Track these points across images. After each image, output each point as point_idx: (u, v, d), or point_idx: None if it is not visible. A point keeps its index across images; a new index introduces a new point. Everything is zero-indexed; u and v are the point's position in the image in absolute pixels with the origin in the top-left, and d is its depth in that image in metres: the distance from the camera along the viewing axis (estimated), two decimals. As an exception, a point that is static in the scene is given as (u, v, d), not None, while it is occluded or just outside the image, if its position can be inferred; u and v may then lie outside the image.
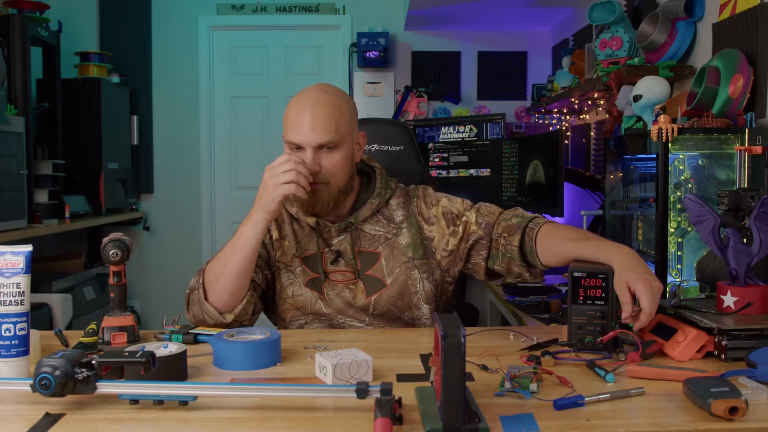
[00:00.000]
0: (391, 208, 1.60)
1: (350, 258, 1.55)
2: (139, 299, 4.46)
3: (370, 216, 1.57)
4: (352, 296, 1.55)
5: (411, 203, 1.62)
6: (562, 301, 2.31)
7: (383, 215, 1.59)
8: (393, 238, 1.58)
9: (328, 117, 1.45)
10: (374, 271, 1.55)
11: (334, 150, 1.47)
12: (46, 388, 0.95)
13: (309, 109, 1.45)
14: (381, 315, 1.56)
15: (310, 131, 1.44)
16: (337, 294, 1.56)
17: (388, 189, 1.61)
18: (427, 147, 3.85)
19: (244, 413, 0.98)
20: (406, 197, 1.63)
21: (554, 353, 1.22)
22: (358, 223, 1.57)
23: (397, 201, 1.61)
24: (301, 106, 1.46)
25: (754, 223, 1.28)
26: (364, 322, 1.57)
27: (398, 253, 1.56)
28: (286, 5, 4.42)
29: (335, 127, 1.46)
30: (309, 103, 1.46)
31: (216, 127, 4.52)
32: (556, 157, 2.98)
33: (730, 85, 1.93)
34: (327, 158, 1.47)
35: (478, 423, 0.89)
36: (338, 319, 1.57)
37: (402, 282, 1.55)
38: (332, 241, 1.57)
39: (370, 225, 1.58)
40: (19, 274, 1.11)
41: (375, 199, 1.57)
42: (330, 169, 1.47)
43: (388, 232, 1.58)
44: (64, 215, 3.38)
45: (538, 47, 4.45)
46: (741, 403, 0.92)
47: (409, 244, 1.57)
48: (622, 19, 2.57)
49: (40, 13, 3.29)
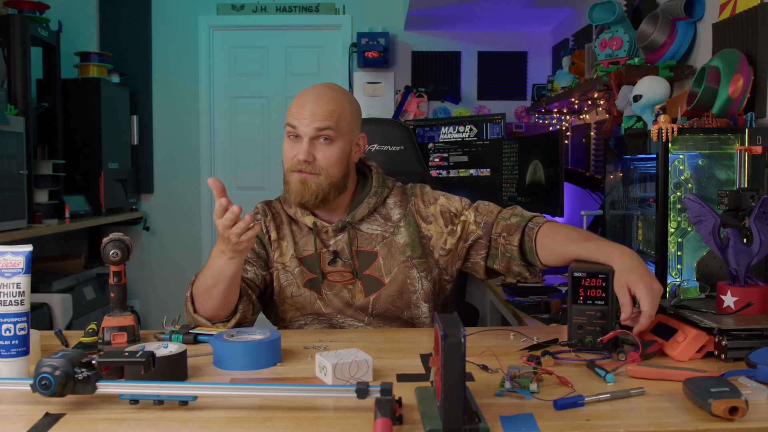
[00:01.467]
0: (388, 206, 1.60)
1: (348, 258, 1.55)
2: (139, 299, 4.46)
3: (367, 215, 1.57)
4: (350, 296, 1.55)
5: (408, 201, 1.61)
6: (562, 301, 2.31)
7: (380, 214, 1.59)
8: (390, 237, 1.57)
9: (329, 112, 1.48)
10: (372, 270, 1.55)
11: (330, 143, 1.49)
12: (46, 388, 0.95)
13: (311, 101, 1.49)
14: (380, 315, 1.56)
15: (309, 119, 1.47)
16: (335, 294, 1.56)
17: (384, 188, 1.61)
18: (427, 147, 3.85)
19: (244, 413, 0.98)
20: (403, 195, 1.63)
21: (554, 353, 1.22)
22: (355, 223, 1.57)
23: (394, 200, 1.61)
24: (305, 98, 1.50)
25: (754, 223, 1.28)
26: (363, 322, 1.57)
27: (396, 252, 1.56)
28: (286, 5, 4.42)
29: (335, 121, 1.48)
30: (312, 96, 1.50)
31: (216, 127, 4.52)
32: (556, 157, 2.98)
33: (730, 85, 1.93)
34: (322, 150, 1.48)
35: (478, 423, 0.89)
36: (337, 319, 1.57)
37: (401, 281, 1.55)
38: (329, 242, 1.57)
39: (367, 224, 1.58)
40: (19, 274, 1.11)
41: (372, 198, 1.57)
42: (323, 162, 1.48)
43: (386, 230, 1.58)
44: (64, 215, 3.38)
45: (538, 47, 4.45)
46: (741, 403, 0.92)
47: (407, 243, 1.57)
48: (622, 19, 2.57)
49: (40, 13, 3.29)
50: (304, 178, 1.49)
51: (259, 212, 1.64)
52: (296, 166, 1.49)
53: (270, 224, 1.61)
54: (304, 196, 1.50)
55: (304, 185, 1.49)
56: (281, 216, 1.62)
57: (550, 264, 1.47)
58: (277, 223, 1.61)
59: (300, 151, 1.48)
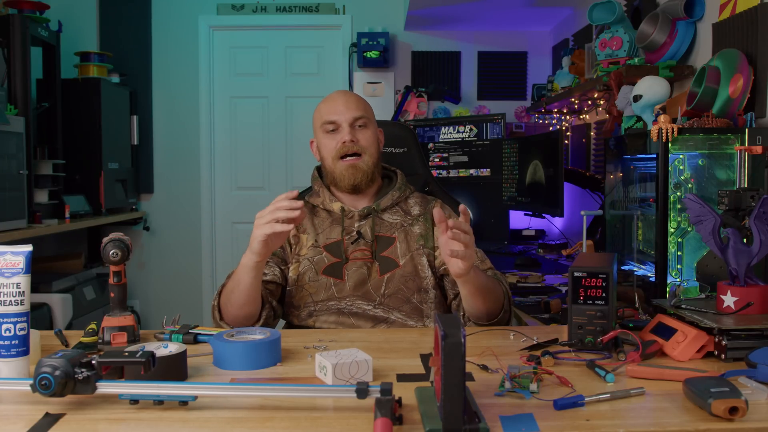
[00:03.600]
0: (408, 204, 1.76)
1: (370, 239, 1.67)
2: (139, 299, 4.45)
3: (390, 206, 1.72)
4: (368, 273, 1.65)
5: (429, 204, 1.77)
6: (562, 301, 2.31)
7: (401, 208, 1.74)
8: (408, 227, 1.71)
9: (358, 100, 1.71)
10: (389, 252, 1.67)
11: (365, 127, 1.69)
12: (46, 388, 0.95)
13: (341, 98, 1.70)
14: (392, 295, 1.63)
15: (345, 109, 1.67)
16: (354, 271, 1.64)
17: (407, 188, 1.78)
18: (427, 147, 3.85)
19: (244, 413, 0.98)
20: (423, 199, 1.79)
21: (554, 353, 1.22)
22: (379, 211, 1.70)
23: (415, 200, 1.77)
24: (334, 98, 1.71)
25: (754, 223, 1.28)
26: (374, 302, 1.62)
27: (411, 239, 1.69)
28: (286, 5, 4.42)
29: (364, 108, 1.71)
30: (339, 94, 1.72)
31: (216, 127, 4.52)
32: (556, 157, 2.98)
33: (730, 85, 1.93)
34: (361, 133, 1.68)
35: (478, 423, 0.89)
36: (347, 302, 1.62)
37: (414, 264, 1.66)
38: (353, 226, 1.68)
39: (389, 214, 1.72)
40: (19, 274, 1.11)
41: (396, 192, 1.73)
42: (364, 142, 1.67)
43: (404, 221, 1.72)
44: (64, 215, 3.38)
45: (538, 47, 4.45)
46: (741, 403, 0.92)
47: (422, 234, 1.70)
48: (622, 19, 2.57)
49: (40, 13, 3.29)
50: (352, 163, 1.66)
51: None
52: (342, 151, 1.66)
53: None
54: (356, 178, 1.66)
55: (355, 168, 1.66)
56: (303, 209, 1.66)
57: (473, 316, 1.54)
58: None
59: (344, 134, 1.65)
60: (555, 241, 3.63)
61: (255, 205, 1.69)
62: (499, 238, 3.66)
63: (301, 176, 4.38)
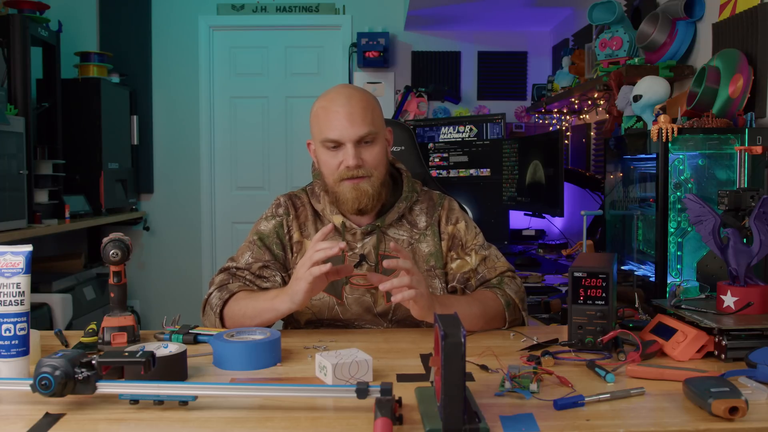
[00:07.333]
0: (414, 213, 1.59)
1: (373, 261, 1.52)
2: (139, 299, 4.45)
3: (395, 220, 1.56)
4: (372, 301, 1.52)
5: (435, 211, 1.60)
6: (562, 301, 2.31)
7: (407, 220, 1.58)
8: (416, 244, 1.56)
9: (364, 109, 1.45)
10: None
11: (372, 143, 1.47)
12: (46, 388, 0.95)
13: (343, 104, 1.44)
14: (400, 321, 1.54)
15: (349, 125, 1.43)
16: (356, 299, 1.52)
17: (413, 192, 1.60)
18: (427, 147, 3.85)
19: (244, 413, 0.98)
20: (430, 202, 1.61)
21: (554, 353, 1.22)
22: (384, 226, 1.54)
23: (420, 206, 1.60)
24: (334, 104, 1.46)
25: (754, 223, 1.28)
26: (381, 326, 1.54)
27: (420, 260, 1.55)
28: (286, 5, 4.42)
29: (371, 119, 1.45)
30: (342, 99, 1.45)
31: (216, 127, 4.52)
32: (556, 157, 2.98)
33: (730, 85, 1.93)
34: (367, 152, 1.46)
35: (478, 423, 0.89)
36: (354, 326, 1.54)
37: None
38: (356, 244, 1.54)
39: (394, 229, 1.56)
40: (19, 274, 1.11)
41: (402, 204, 1.56)
42: (371, 162, 1.46)
43: (411, 237, 1.56)
44: (64, 215, 3.38)
45: (538, 47, 4.45)
46: (741, 403, 0.92)
47: (432, 252, 1.56)
48: (622, 19, 2.57)
49: (40, 13, 3.29)
50: (356, 184, 1.46)
51: (281, 206, 1.60)
52: (345, 174, 1.46)
53: (293, 223, 1.57)
54: (362, 202, 1.47)
55: (359, 191, 1.46)
56: (306, 211, 1.58)
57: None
58: (300, 221, 1.57)
59: (347, 157, 1.44)
60: (555, 241, 3.63)
61: (255, 205, 1.67)
62: (499, 238, 3.66)
63: (301, 176, 4.38)
